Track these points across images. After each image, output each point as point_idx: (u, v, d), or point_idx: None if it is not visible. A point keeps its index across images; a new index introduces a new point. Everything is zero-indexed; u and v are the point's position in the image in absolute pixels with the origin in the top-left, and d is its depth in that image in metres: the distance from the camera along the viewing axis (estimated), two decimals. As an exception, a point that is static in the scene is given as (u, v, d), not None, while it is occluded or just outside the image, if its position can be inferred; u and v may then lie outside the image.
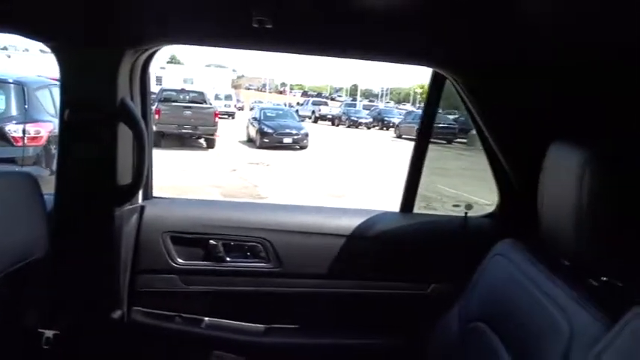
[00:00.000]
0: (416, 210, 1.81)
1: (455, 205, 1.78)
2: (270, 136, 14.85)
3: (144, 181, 1.55)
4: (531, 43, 1.30)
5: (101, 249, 1.53)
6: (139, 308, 1.64)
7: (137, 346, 1.63)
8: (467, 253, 1.46)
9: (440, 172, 9.28)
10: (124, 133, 1.48)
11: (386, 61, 1.55)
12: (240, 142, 15.79)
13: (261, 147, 14.52)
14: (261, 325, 1.66)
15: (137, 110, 1.50)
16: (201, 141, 13.64)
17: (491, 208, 1.80)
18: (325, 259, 1.66)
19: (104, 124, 1.44)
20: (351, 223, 1.69)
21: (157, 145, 1.59)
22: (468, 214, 1.71)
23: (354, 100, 38.65)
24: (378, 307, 1.67)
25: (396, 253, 1.69)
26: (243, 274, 1.67)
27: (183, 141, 13.10)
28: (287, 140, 14.91)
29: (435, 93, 1.66)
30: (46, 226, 1.36)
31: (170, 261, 1.65)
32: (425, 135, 1.73)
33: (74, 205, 1.49)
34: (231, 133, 16.29)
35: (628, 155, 1.04)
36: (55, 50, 1.39)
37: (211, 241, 1.66)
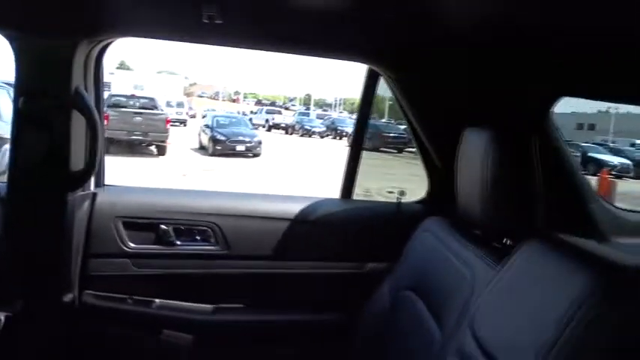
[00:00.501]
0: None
1: (389, 192, 1.94)
2: (222, 144, 14.78)
3: (96, 169, 1.62)
4: (454, 40, 1.48)
5: (53, 233, 1.58)
6: (90, 291, 1.70)
7: (89, 327, 1.69)
8: (400, 234, 1.62)
9: (390, 179, 9.57)
10: (78, 122, 1.54)
11: (323, 57, 1.69)
12: (192, 149, 15.63)
13: (213, 154, 14.42)
14: (210, 305, 1.75)
15: (91, 100, 1.58)
16: (152, 148, 13.42)
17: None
18: (270, 241, 1.78)
19: (58, 113, 1.50)
20: (295, 208, 1.81)
21: (106, 152, 1.65)
22: (401, 200, 1.88)
23: (308, 109, 38.93)
24: (319, 286, 1.80)
25: (336, 236, 1.82)
26: (192, 257, 1.76)
27: (133, 148, 12.85)
28: (240, 148, 14.88)
29: (370, 88, 1.82)
30: None
31: (122, 245, 1.72)
32: (362, 125, 1.90)
33: (27, 190, 1.53)
34: (183, 140, 16.10)
35: (523, 136, 1.22)
36: (10, 39, 1.44)
37: (162, 226, 1.75)
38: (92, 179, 1.73)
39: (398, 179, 9.77)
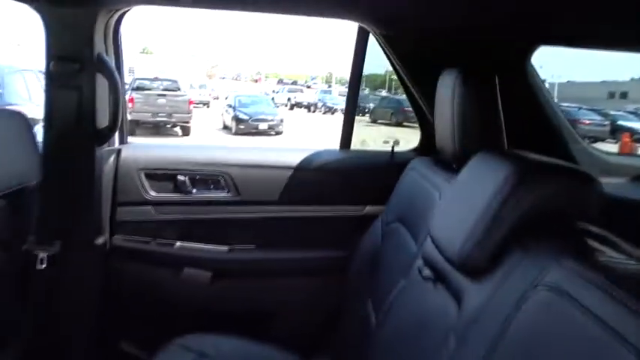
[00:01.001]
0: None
1: (385, 142, 2.11)
2: (245, 123, 15.05)
3: (119, 125, 1.83)
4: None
5: (85, 184, 1.79)
6: (119, 236, 1.92)
7: (119, 267, 1.92)
8: (393, 179, 1.79)
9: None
10: (102, 84, 1.75)
11: (313, 16, 1.83)
12: (216, 129, 15.95)
13: (236, 134, 14.71)
14: (225, 247, 1.96)
15: (112, 64, 1.77)
16: (177, 129, 13.77)
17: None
18: (277, 188, 1.97)
19: (84, 75, 1.70)
20: (298, 157, 2.00)
21: (132, 134, 1.83)
22: (395, 149, 2.04)
23: (330, 87, 38.90)
24: (321, 227, 1.98)
25: (336, 182, 2.00)
26: (207, 204, 1.97)
27: (158, 129, 13.22)
28: (262, 126, 15.11)
29: (360, 46, 1.98)
30: (38, 159, 1.63)
31: (145, 194, 1.93)
32: (356, 82, 2.06)
33: (60, 145, 1.73)
34: (206, 121, 16.43)
35: (486, 77, 1.37)
36: (38, 11, 1.64)
37: (179, 177, 1.95)
38: (117, 137, 1.94)
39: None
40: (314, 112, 25.50)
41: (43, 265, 1.73)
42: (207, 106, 22.91)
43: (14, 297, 1.73)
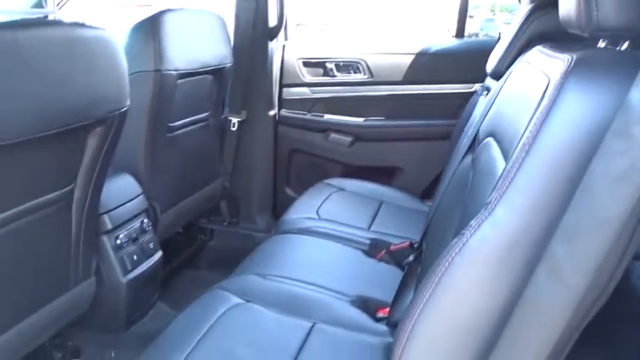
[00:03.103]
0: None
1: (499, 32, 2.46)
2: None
3: (283, 25, 2.47)
4: None
5: (261, 69, 2.48)
6: (285, 109, 2.62)
7: (285, 132, 2.62)
8: None
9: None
10: None
11: None
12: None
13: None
14: (361, 118, 2.55)
15: None
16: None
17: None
18: (400, 70, 2.48)
19: None
20: (419, 45, 2.47)
21: None
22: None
23: (494, 15, 36.43)
24: (437, 101, 2.46)
25: (450, 64, 2.46)
26: (348, 84, 2.56)
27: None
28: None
29: None
30: (230, 49, 2.32)
31: (302, 78, 2.59)
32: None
33: (244, 40, 2.41)
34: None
35: None
36: None
37: (327, 64, 2.57)
38: (282, 35, 2.60)
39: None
40: (476, 41, 24.40)
41: (235, 128, 2.48)
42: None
43: (218, 149, 2.50)
